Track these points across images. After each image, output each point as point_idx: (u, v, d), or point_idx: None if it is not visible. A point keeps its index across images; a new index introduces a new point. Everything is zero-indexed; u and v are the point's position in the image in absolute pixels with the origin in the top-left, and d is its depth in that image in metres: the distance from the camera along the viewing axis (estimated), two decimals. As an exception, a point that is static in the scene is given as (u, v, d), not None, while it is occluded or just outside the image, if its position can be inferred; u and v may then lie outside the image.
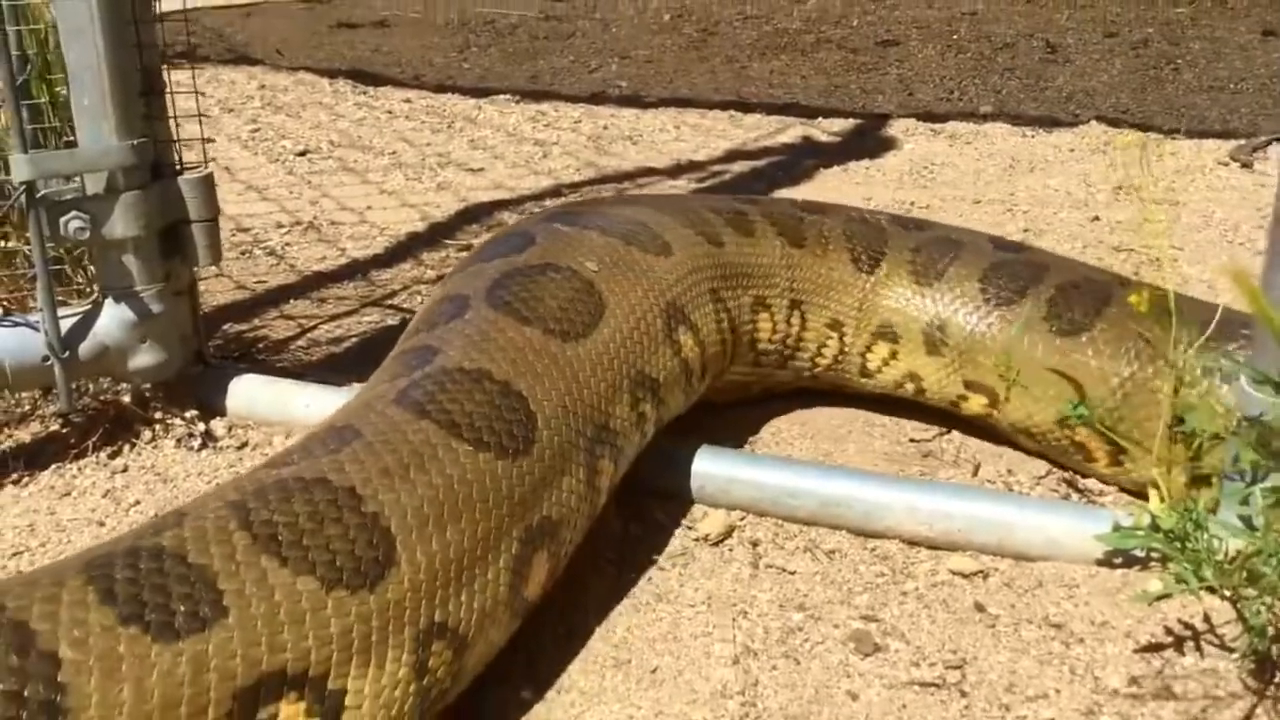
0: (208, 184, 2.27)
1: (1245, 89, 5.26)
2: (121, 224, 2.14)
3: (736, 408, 2.38)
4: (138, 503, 2.11)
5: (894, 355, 2.37)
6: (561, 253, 2.01)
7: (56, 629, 1.16)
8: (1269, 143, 4.23)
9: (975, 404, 2.28)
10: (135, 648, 1.18)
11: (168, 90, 2.26)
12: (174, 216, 2.24)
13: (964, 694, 1.60)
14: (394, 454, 1.51)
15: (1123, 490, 2.11)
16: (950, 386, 2.30)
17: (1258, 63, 5.74)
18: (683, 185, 4.05)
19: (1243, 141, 4.26)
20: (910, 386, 2.37)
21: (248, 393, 2.35)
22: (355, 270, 3.35)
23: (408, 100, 5.34)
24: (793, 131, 4.75)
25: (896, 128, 4.70)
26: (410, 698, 1.41)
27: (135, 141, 2.13)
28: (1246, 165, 4.05)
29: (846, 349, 2.40)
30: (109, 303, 2.21)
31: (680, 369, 2.05)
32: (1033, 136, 4.52)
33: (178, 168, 2.29)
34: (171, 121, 2.27)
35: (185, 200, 2.24)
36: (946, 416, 2.37)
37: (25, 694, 1.11)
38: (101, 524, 2.06)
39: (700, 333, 2.12)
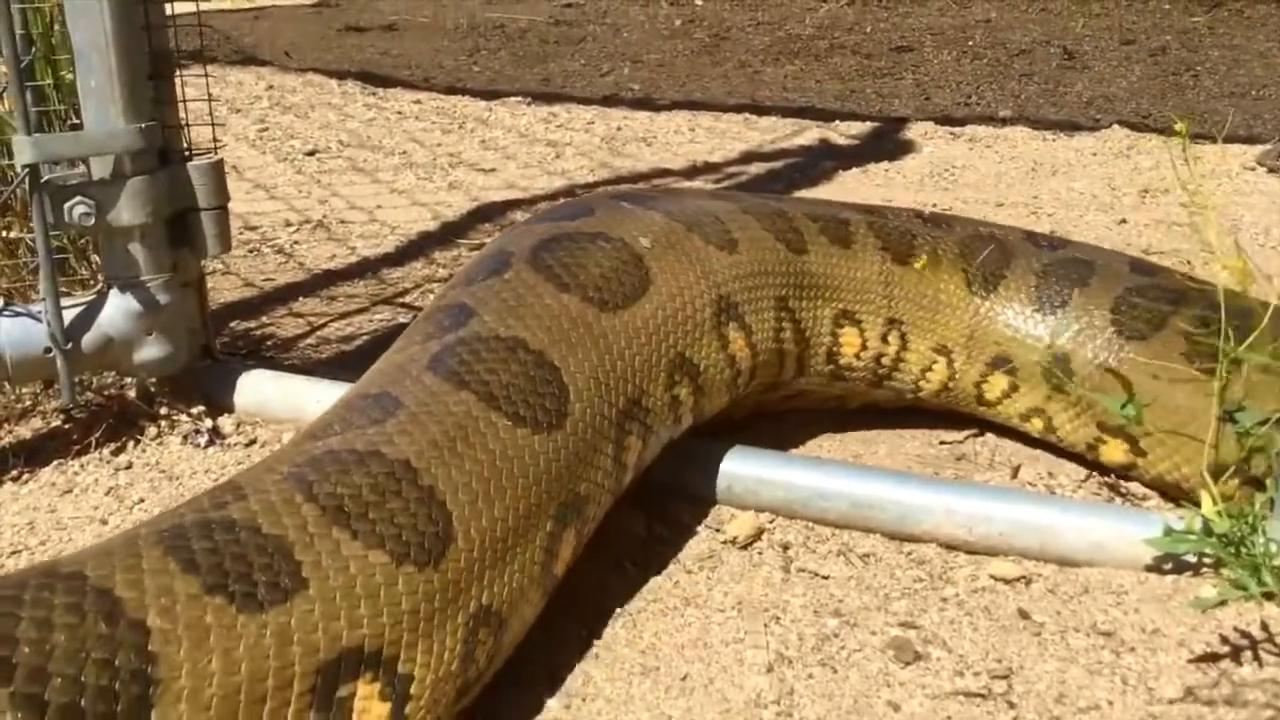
0: (217, 170, 2.19)
1: (1268, 95, 5.18)
2: (128, 210, 2.07)
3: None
4: (142, 500, 2.03)
5: (1014, 389, 2.16)
6: (617, 225, 1.95)
7: (144, 597, 1.12)
8: (1295, 148, 4.16)
9: (1115, 450, 2.04)
10: (222, 618, 1.14)
11: (177, 75, 2.19)
12: (182, 204, 2.16)
13: (1011, 705, 1.52)
14: (440, 426, 1.45)
15: (1166, 497, 2.03)
16: (1082, 430, 2.06)
17: (1279, 70, 5.67)
18: (699, 186, 3.97)
19: (1269, 146, 4.18)
20: (1038, 423, 2.14)
21: (257, 389, 2.27)
22: (366, 269, 3.27)
23: (418, 102, 5.27)
24: (809, 134, 4.68)
25: (915, 131, 4.63)
26: (456, 685, 1.35)
27: (143, 125, 2.05)
28: (1274, 170, 3.98)
29: (957, 376, 2.21)
30: (114, 293, 2.13)
31: (726, 364, 1.97)
32: (1054, 140, 4.45)
33: (186, 153, 2.21)
34: (181, 106, 2.20)
35: (194, 187, 2.16)
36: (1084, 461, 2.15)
37: (116, 662, 1.07)
38: (104, 522, 1.98)
39: (753, 335, 2.02)
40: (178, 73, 2.20)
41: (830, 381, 2.22)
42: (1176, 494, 1.97)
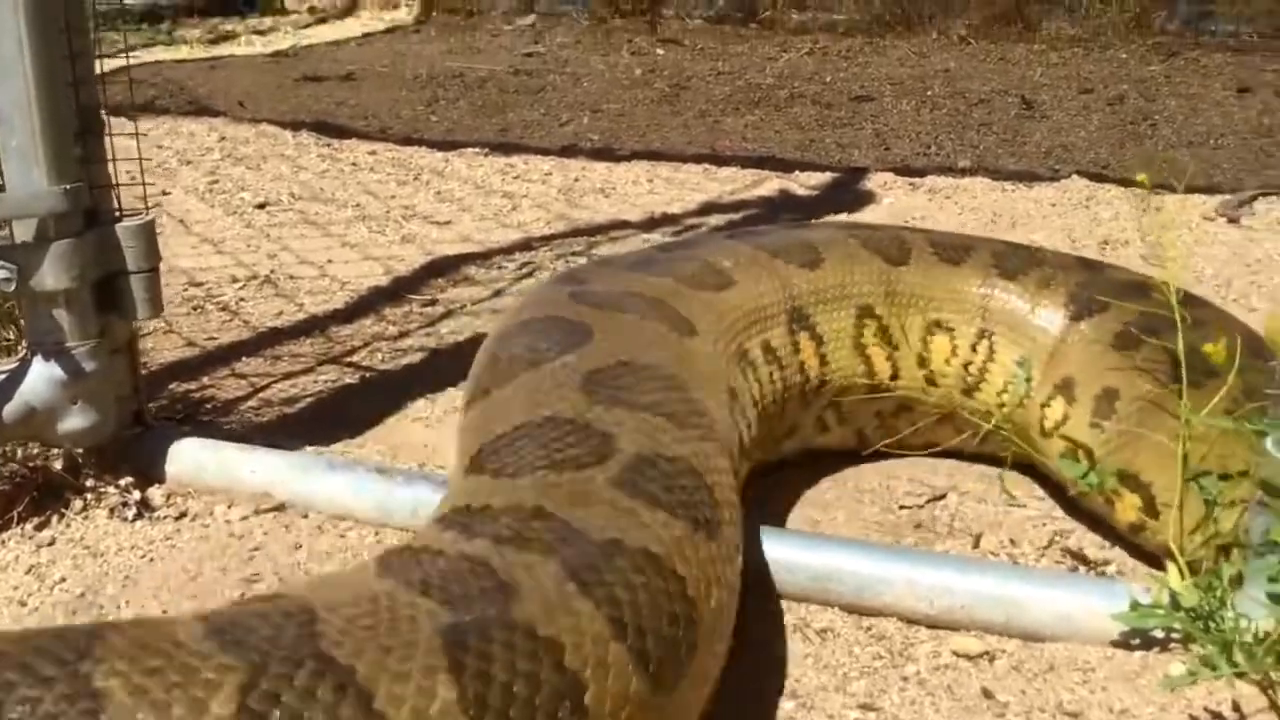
0: (148, 231, 2.10)
1: (1226, 144, 5.20)
2: (52, 275, 1.97)
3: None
4: (63, 579, 1.92)
5: (1066, 418, 2.13)
6: (706, 249, 2.35)
7: None
8: (1255, 197, 4.15)
9: (1128, 507, 1.93)
10: None
11: (107, 132, 2.11)
12: (111, 267, 2.07)
13: (976, 795, 1.44)
14: None
15: (1136, 558, 1.97)
16: (1105, 473, 1.90)
17: (1236, 119, 5.69)
18: (656, 238, 3.91)
19: (1228, 196, 4.17)
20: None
21: (189, 458, 2.17)
22: (313, 326, 3.18)
23: (373, 153, 5.19)
24: (769, 185, 4.64)
25: (875, 181, 4.60)
26: None
27: (68, 186, 1.96)
28: (1233, 221, 3.96)
29: (1031, 395, 2.20)
30: (37, 360, 2.03)
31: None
32: (1013, 191, 4.43)
33: (117, 214, 2.12)
34: (111, 165, 2.11)
35: (123, 249, 2.07)
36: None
37: None
38: (23, 604, 1.87)
39: (824, 344, 2.23)
40: (109, 129, 2.12)
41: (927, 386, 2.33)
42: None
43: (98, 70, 2.10)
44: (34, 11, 1.90)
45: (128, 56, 2.37)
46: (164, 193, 4.42)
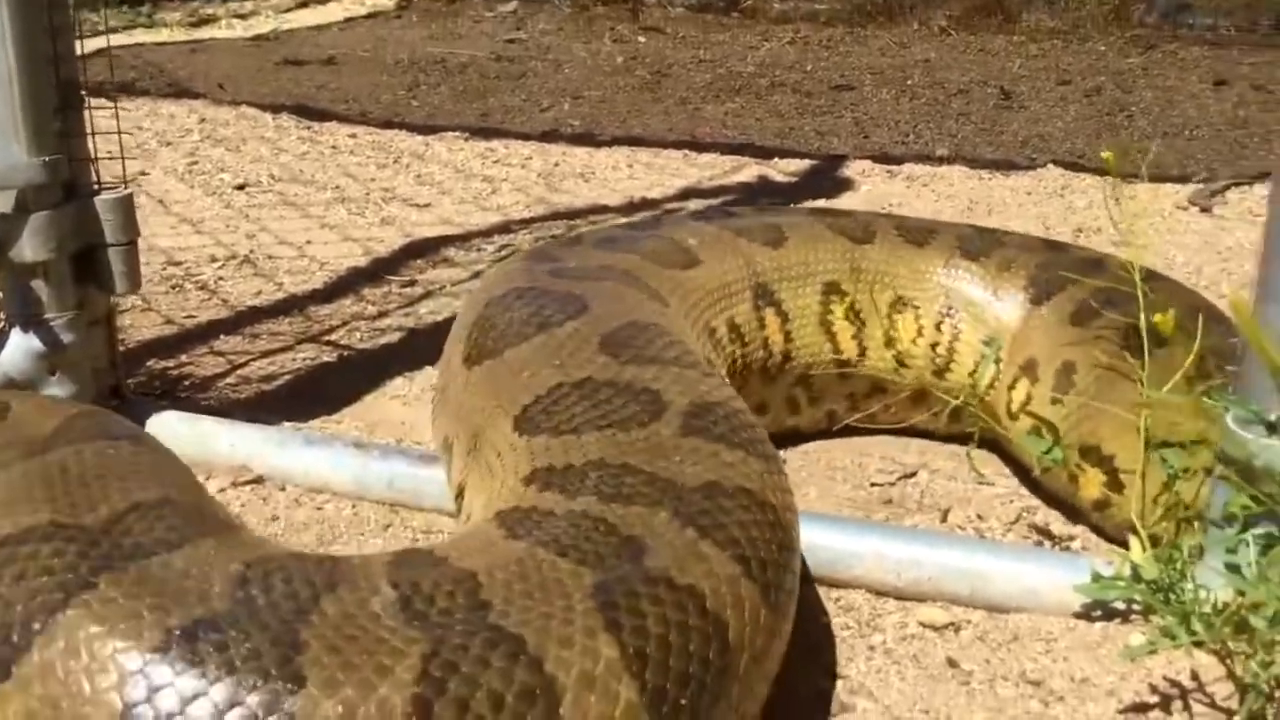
0: (126, 205, 2.11)
1: (1200, 135, 5.25)
2: (30, 247, 1.98)
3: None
4: (40, 549, 1.93)
5: (1029, 399, 2.15)
6: (673, 228, 2.41)
7: None
8: (1227, 187, 4.19)
9: (1091, 483, 1.95)
10: None
11: (86, 107, 2.12)
12: (89, 239, 2.08)
13: (939, 759, 1.47)
14: None
15: (1100, 536, 2.00)
16: (1067, 449, 1.92)
17: (1211, 110, 5.74)
18: (636, 223, 3.94)
19: (1201, 185, 4.21)
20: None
21: (167, 430, 2.18)
22: (292, 305, 3.19)
23: (353, 136, 5.19)
24: (748, 171, 4.66)
25: (853, 169, 4.63)
26: None
27: (47, 158, 1.98)
28: (1206, 210, 4.01)
29: (999, 377, 2.24)
30: (15, 332, 2.05)
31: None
32: (990, 179, 4.46)
33: (95, 187, 2.13)
34: (90, 139, 2.12)
35: (102, 222, 2.08)
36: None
37: None
38: (0, 572, 1.88)
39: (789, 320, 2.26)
40: (90, 104, 2.13)
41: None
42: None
43: (78, 51, 2.11)
44: (15, -15, 1.91)
45: (108, 37, 2.38)
46: (143, 173, 4.41)
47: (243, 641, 1.06)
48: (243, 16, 9.31)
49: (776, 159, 4.81)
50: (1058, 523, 2.06)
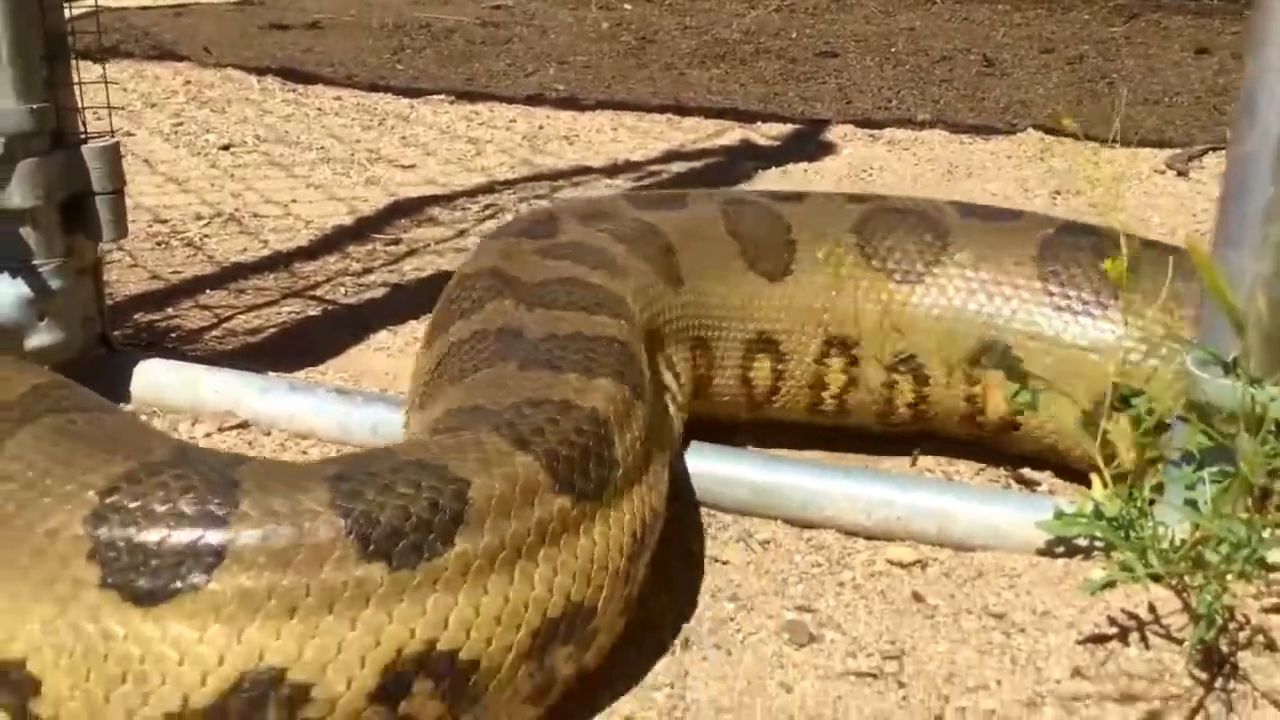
0: (113, 154, 2.14)
1: (1180, 102, 5.29)
2: (19, 193, 2.02)
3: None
4: (30, 489, 1.97)
5: None
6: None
7: None
8: (1205, 152, 4.24)
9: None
10: None
11: (72, 57, 2.14)
12: (76, 188, 2.12)
13: (901, 684, 1.53)
14: None
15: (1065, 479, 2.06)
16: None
17: (1192, 78, 5.79)
18: (620, 185, 3.97)
19: (1179, 150, 4.26)
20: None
21: (153, 378, 2.23)
22: (277, 262, 3.23)
23: (338, 98, 5.21)
24: (731, 135, 4.69)
25: (835, 133, 4.66)
26: None
27: (35, 106, 2.01)
28: (1182, 174, 4.06)
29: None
30: (4, 278, 2.08)
31: None
32: (970, 144, 4.50)
33: (82, 137, 2.16)
34: (77, 88, 2.15)
35: (89, 170, 2.12)
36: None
37: None
38: (-10, 512, 1.92)
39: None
40: (78, 66, 2.16)
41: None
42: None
43: (66, 15, 2.14)
44: (1, -66, 1.93)
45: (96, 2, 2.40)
46: (128, 133, 4.43)
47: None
48: (227, -19, 9.27)
49: (760, 123, 4.84)
50: (1025, 468, 2.11)
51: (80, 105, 2.15)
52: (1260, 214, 1.61)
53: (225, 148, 4.33)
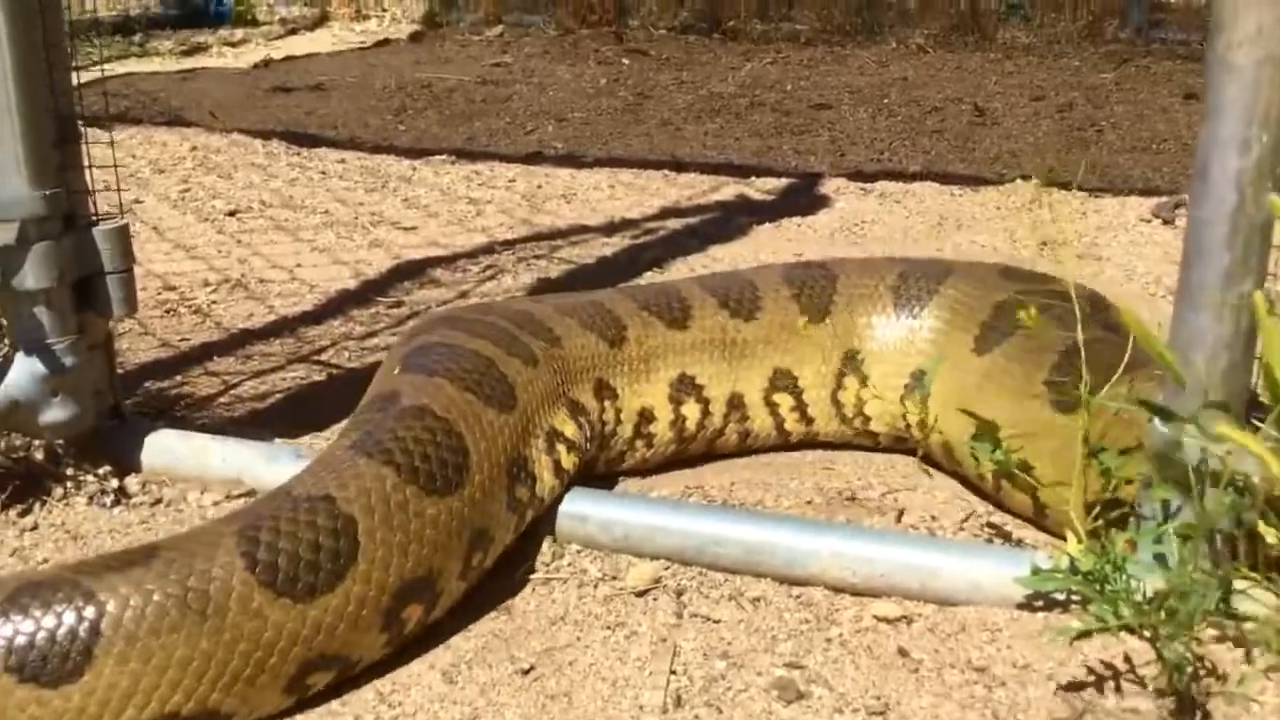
0: (123, 234, 2.23)
1: (1168, 149, 5.38)
2: (33, 275, 2.10)
3: (663, 458, 2.37)
4: (45, 561, 2.05)
5: None
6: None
7: None
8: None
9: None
10: None
11: (83, 140, 2.24)
12: (88, 268, 2.20)
13: (886, 739, 1.59)
14: None
15: (1045, 532, 2.12)
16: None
17: (1180, 124, 5.89)
18: (617, 243, 4.06)
19: (1164, 199, 4.34)
20: None
21: (163, 448, 2.30)
22: (283, 327, 3.31)
23: (342, 161, 5.32)
24: (727, 190, 4.79)
25: (828, 186, 4.75)
26: None
27: (48, 191, 2.09)
28: (1168, 221, 4.14)
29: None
30: (20, 356, 2.16)
31: None
32: (960, 195, 4.59)
33: (93, 218, 2.25)
34: (87, 171, 2.24)
35: (100, 251, 2.20)
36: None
37: None
38: (7, 583, 1.99)
39: None
40: (87, 136, 2.25)
41: None
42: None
43: (74, 82, 2.23)
44: (14, 26, 2.03)
45: (103, 69, 2.50)
46: (137, 200, 4.53)
47: None
48: (233, 44, 9.45)
49: (754, 177, 4.94)
50: (1005, 523, 2.17)
51: (91, 188, 2.24)
52: (1219, 278, 1.69)
53: (232, 213, 4.43)
